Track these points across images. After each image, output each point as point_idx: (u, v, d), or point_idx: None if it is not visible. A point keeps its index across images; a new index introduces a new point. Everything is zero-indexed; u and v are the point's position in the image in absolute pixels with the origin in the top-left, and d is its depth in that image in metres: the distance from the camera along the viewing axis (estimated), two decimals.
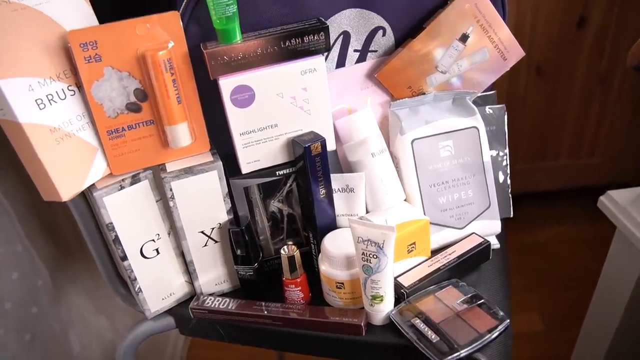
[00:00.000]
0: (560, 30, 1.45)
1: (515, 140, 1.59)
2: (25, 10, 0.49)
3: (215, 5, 0.50)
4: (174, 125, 0.54)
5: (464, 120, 0.63)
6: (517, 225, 1.66)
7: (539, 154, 1.65)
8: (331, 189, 0.59)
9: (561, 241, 1.61)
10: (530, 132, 1.60)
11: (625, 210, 0.76)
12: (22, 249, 0.82)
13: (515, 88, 1.52)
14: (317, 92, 0.55)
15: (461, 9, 0.60)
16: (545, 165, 1.66)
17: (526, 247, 1.60)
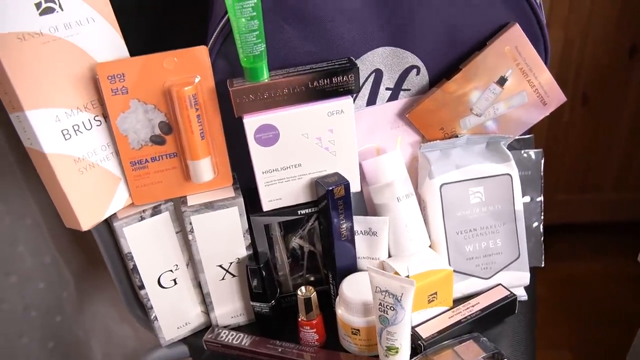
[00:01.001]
0: (610, 58, 1.39)
1: (556, 169, 1.54)
2: (57, 42, 0.49)
3: (242, 43, 0.49)
4: (196, 160, 0.54)
5: (497, 167, 0.61)
6: (554, 256, 1.61)
7: (581, 185, 1.58)
8: (353, 232, 0.57)
9: (601, 277, 1.54)
10: (572, 162, 1.54)
11: None
12: (50, 260, 0.83)
13: (558, 116, 1.47)
14: (344, 133, 0.54)
15: (500, 51, 0.57)
16: (588, 197, 1.60)
17: (562, 281, 1.54)
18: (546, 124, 1.46)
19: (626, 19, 1.34)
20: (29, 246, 0.80)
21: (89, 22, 0.52)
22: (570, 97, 1.45)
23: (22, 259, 0.79)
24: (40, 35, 0.48)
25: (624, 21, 1.35)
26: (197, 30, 0.66)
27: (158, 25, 0.70)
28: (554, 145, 1.50)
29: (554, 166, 1.53)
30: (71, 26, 0.50)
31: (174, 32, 0.71)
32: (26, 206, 0.79)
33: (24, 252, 0.79)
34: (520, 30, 0.57)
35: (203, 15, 0.71)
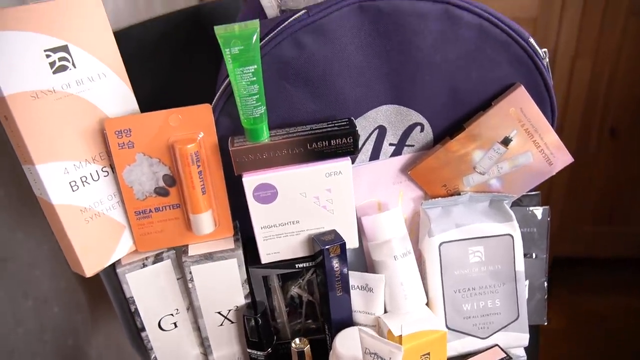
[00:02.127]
0: None
1: (581, 201, 1.51)
2: (68, 97, 0.51)
3: (243, 106, 0.50)
4: (197, 214, 0.55)
5: (499, 227, 0.60)
6: (578, 289, 1.58)
7: (607, 218, 1.55)
8: (349, 288, 0.58)
9: (624, 312, 1.51)
10: (598, 194, 1.51)
11: None
12: (65, 285, 0.86)
13: (585, 148, 1.44)
14: (342, 193, 0.55)
15: (505, 112, 0.57)
16: (613, 230, 1.56)
17: (584, 314, 1.51)
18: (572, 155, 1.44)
19: None
20: (46, 271, 0.83)
21: (100, 78, 0.54)
22: (598, 129, 1.43)
23: (40, 283, 0.82)
24: (53, 93, 0.50)
25: None
26: (209, 72, 0.68)
27: (169, 70, 0.72)
28: (580, 176, 1.47)
29: (578, 198, 1.50)
30: (83, 82, 0.52)
31: (186, 75, 0.73)
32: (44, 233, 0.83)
33: (41, 277, 0.82)
34: (526, 92, 0.56)
35: (214, 58, 0.73)
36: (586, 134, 1.42)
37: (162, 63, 0.72)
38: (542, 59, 0.56)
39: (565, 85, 1.37)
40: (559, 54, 1.34)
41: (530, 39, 0.56)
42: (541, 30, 1.32)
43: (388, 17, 0.51)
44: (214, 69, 0.71)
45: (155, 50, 0.71)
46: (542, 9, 1.30)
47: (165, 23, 0.72)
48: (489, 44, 0.54)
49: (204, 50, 0.78)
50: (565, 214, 1.52)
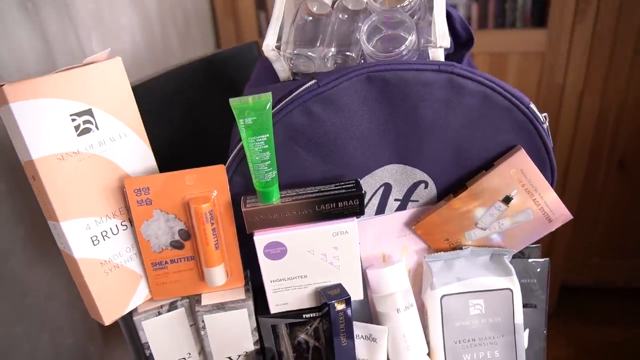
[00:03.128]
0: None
1: (589, 233, 1.52)
2: (92, 157, 0.55)
3: (255, 171, 0.53)
4: (210, 267, 0.58)
5: (499, 280, 0.63)
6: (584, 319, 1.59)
7: (616, 250, 1.56)
8: (353, 338, 0.60)
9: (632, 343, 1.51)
10: (606, 226, 1.52)
11: None
12: (80, 316, 0.90)
13: (592, 181, 1.46)
14: (348, 251, 0.57)
15: (506, 173, 0.59)
16: (622, 263, 1.57)
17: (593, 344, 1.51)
18: (579, 189, 1.45)
19: None
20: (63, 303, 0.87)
21: (121, 137, 0.57)
22: (606, 162, 1.44)
23: (56, 315, 0.86)
24: (77, 154, 0.54)
25: None
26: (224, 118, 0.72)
27: (186, 117, 0.76)
28: (587, 209, 1.49)
29: (586, 230, 1.52)
30: (105, 142, 0.56)
31: (203, 121, 0.77)
32: (63, 267, 0.86)
33: (57, 309, 0.86)
34: (526, 156, 0.59)
35: None
36: (594, 167, 1.44)
37: (179, 111, 0.75)
38: (542, 123, 0.59)
39: (573, 120, 1.39)
40: (567, 89, 1.36)
41: (531, 104, 0.58)
42: (549, 66, 1.34)
43: (394, 87, 0.54)
44: (228, 116, 0.74)
45: (173, 100, 0.74)
46: (550, 45, 1.32)
47: (183, 72, 0.76)
48: (492, 110, 0.57)
49: (220, 97, 0.82)
50: (573, 245, 1.53)
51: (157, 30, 1.18)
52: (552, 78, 1.36)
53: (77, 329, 0.89)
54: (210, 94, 0.79)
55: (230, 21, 1.43)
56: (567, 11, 1.28)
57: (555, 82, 1.36)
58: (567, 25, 1.29)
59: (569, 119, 1.39)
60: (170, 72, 0.73)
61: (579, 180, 1.44)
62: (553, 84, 1.36)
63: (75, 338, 0.88)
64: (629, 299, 1.62)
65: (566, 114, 1.38)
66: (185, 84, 0.75)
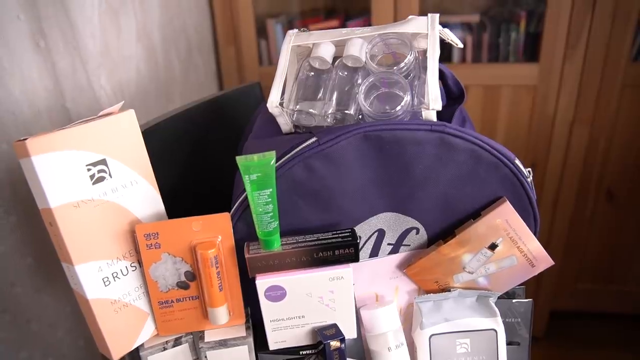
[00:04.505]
0: (636, 157, 1.42)
1: (578, 260, 1.56)
2: (105, 204, 0.59)
3: (258, 221, 0.57)
4: (214, 308, 0.62)
5: (484, 321, 0.67)
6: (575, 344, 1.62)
7: (605, 276, 1.60)
8: None
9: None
10: (595, 253, 1.56)
11: None
12: (83, 344, 0.93)
13: (582, 208, 1.50)
14: (343, 294, 0.61)
15: (492, 223, 0.63)
16: (611, 288, 1.61)
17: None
18: (569, 216, 1.50)
19: None
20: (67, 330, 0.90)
21: (132, 184, 0.61)
22: (595, 192, 1.48)
23: (61, 342, 0.89)
24: (92, 201, 0.58)
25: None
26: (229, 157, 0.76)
27: (192, 158, 0.80)
28: (577, 238, 1.53)
29: (576, 256, 1.56)
30: (117, 189, 0.60)
31: (208, 160, 0.81)
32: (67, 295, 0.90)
33: (63, 337, 0.89)
34: (511, 207, 0.63)
35: (233, 144, 0.80)
36: (584, 195, 1.48)
37: (185, 152, 0.79)
38: (526, 177, 0.63)
39: (564, 149, 1.43)
40: (557, 121, 1.40)
41: (516, 160, 0.62)
42: (540, 98, 1.39)
43: (389, 144, 0.58)
44: (231, 155, 0.78)
45: (180, 141, 0.78)
46: (541, 78, 1.37)
47: (188, 114, 0.80)
48: (480, 166, 0.61)
49: (224, 137, 0.86)
50: (563, 270, 1.57)
51: (161, 58, 1.22)
52: (543, 109, 1.40)
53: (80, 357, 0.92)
54: (215, 134, 0.83)
55: (232, 48, 1.47)
56: (559, 46, 1.32)
57: (546, 113, 1.40)
58: (558, 60, 1.34)
59: (559, 149, 1.43)
60: (176, 115, 0.77)
61: (569, 207, 1.48)
62: (544, 115, 1.41)
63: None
64: (617, 325, 1.66)
65: (556, 144, 1.43)
66: (191, 126, 0.79)
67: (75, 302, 0.89)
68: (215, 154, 0.82)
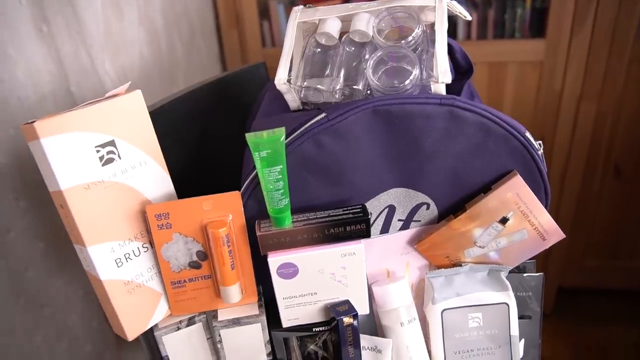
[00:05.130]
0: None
1: (586, 235, 1.56)
2: (115, 185, 0.59)
3: (269, 198, 0.57)
4: (226, 286, 0.62)
5: (496, 295, 0.67)
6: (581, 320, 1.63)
7: (612, 252, 1.60)
8: (360, 349, 0.64)
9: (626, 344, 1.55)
10: (602, 229, 1.56)
11: None
12: (97, 325, 0.94)
13: (590, 184, 1.49)
14: (355, 270, 0.61)
15: (503, 197, 0.63)
16: (618, 264, 1.61)
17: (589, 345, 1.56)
18: (577, 192, 1.49)
19: None
20: (80, 313, 0.91)
21: (142, 165, 0.61)
22: (602, 167, 1.48)
23: (74, 325, 0.90)
24: (102, 183, 0.58)
25: None
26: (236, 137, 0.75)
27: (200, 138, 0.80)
28: (585, 213, 1.52)
29: (583, 233, 1.56)
30: (127, 171, 0.60)
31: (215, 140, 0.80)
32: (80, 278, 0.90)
33: (75, 319, 0.90)
34: (522, 180, 0.63)
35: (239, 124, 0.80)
36: (591, 170, 1.48)
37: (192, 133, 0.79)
38: (537, 150, 0.62)
39: (571, 125, 1.42)
40: (564, 96, 1.39)
41: (527, 133, 0.62)
42: (547, 73, 1.38)
43: (398, 119, 0.58)
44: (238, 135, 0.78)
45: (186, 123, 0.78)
46: (548, 54, 1.36)
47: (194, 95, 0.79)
48: (490, 139, 0.61)
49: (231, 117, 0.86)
50: (571, 248, 1.57)
51: (164, 42, 1.21)
52: (550, 85, 1.39)
53: (94, 338, 0.93)
54: (221, 114, 0.82)
55: (234, 31, 1.46)
56: (565, 22, 1.31)
57: (553, 89, 1.39)
58: (565, 35, 1.32)
59: (567, 125, 1.42)
60: (182, 96, 0.76)
61: (576, 183, 1.48)
62: (551, 91, 1.40)
63: (92, 346, 0.92)
64: (624, 300, 1.66)
65: (564, 120, 1.42)
66: (197, 107, 0.79)
67: (87, 285, 0.89)
68: (222, 134, 0.81)
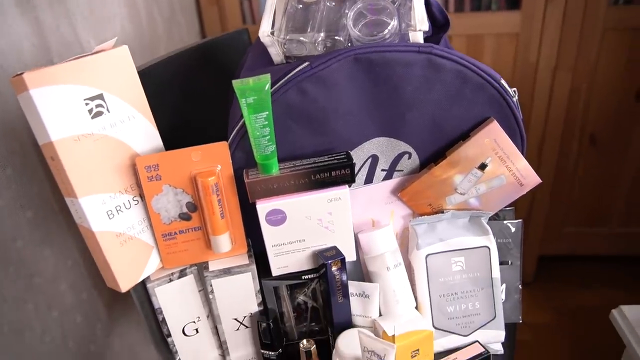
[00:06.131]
0: (617, 102, 1.45)
1: (565, 204, 1.60)
2: (104, 138, 0.60)
3: (256, 145, 0.59)
4: (217, 236, 0.64)
5: (477, 239, 0.69)
6: (563, 286, 1.68)
7: (590, 219, 1.64)
8: (348, 296, 0.67)
9: (609, 305, 1.60)
10: (580, 197, 1.60)
11: (634, 330, 0.79)
12: (86, 296, 0.95)
13: (567, 153, 1.53)
14: (341, 216, 0.63)
15: (481, 143, 0.66)
16: (596, 231, 1.66)
17: (570, 310, 1.60)
18: (554, 162, 1.53)
19: (632, 65, 1.40)
20: (69, 284, 0.92)
21: (130, 119, 0.62)
22: (578, 136, 1.52)
23: (63, 295, 0.90)
24: (91, 135, 0.59)
25: (629, 67, 1.41)
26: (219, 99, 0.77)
27: (185, 101, 0.81)
28: (562, 181, 1.57)
29: (562, 201, 1.60)
30: (116, 124, 0.61)
31: (204, 100, 0.82)
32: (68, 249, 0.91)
33: (64, 290, 0.91)
34: (498, 126, 0.65)
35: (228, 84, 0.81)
36: (568, 141, 1.52)
37: (175, 97, 0.80)
38: (512, 97, 0.65)
39: (547, 96, 1.46)
40: (540, 67, 1.43)
41: (502, 80, 0.64)
42: (523, 45, 1.41)
43: (379, 66, 0.60)
44: (222, 99, 0.79)
45: (169, 86, 0.79)
46: (524, 26, 1.39)
47: (178, 59, 0.81)
48: (467, 86, 0.63)
49: (213, 82, 0.87)
50: (549, 216, 1.61)
51: (144, 18, 1.22)
52: (526, 57, 1.42)
53: (84, 309, 0.94)
54: (205, 78, 0.84)
55: (215, 8, 1.47)
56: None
57: (529, 60, 1.43)
58: (539, 6, 1.36)
59: (543, 96, 1.46)
60: (166, 59, 0.77)
61: (554, 153, 1.51)
62: (527, 62, 1.43)
63: (83, 317, 0.93)
64: (602, 265, 1.71)
65: (540, 90, 1.45)
66: (180, 71, 0.80)
67: (76, 255, 0.90)
68: (207, 97, 0.83)
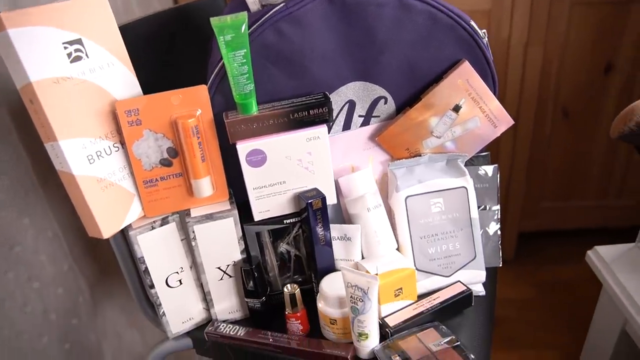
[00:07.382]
0: (587, 75, 1.49)
1: (540, 178, 1.64)
2: (84, 83, 0.60)
3: (235, 84, 0.60)
4: (198, 179, 0.64)
5: (455, 181, 0.71)
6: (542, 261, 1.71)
7: (566, 193, 1.68)
8: (330, 238, 0.68)
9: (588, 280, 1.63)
10: (556, 171, 1.64)
11: (609, 267, 0.81)
12: (67, 268, 0.94)
13: (541, 128, 1.57)
14: (320, 155, 0.65)
15: (454, 83, 0.68)
16: (572, 204, 1.69)
17: (551, 283, 1.63)
18: (530, 137, 1.56)
19: (600, 39, 1.44)
20: (50, 255, 0.91)
21: (109, 66, 0.63)
22: (552, 111, 1.55)
23: (44, 267, 0.90)
24: (70, 79, 0.59)
25: (598, 41, 1.45)
26: (195, 63, 0.77)
27: (160, 63, 0.81)
28: (537, 156, 1.60)
29: (538, 176, 1.63)
30: (95, 70, 0.62)
31: (181, 64, 0.82)
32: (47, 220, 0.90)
33: (45, 261, 0.90)
34: (470, 66, 0.67)
35: (204, 49, 0.82)
36: (542, 116, 1.55)
37: (150, 57, 0.80)
38: (481, 38, 0.67)
39: (520, 72, 1.49)
40: (512, 43, 1.46)
41: (472, 21, 0.66)
42: (495, 22, 1.44)
43: (351, 7, 0.62)
44: (198, 62, 0.80)
45: (144, 47, 0.79)
46: (494, 2, 1.42)
47: (154, 20, 0.81)
48: (438, 27, 0.65)
49: (189, 45, 0.88)
50: (527, 192, 1.64)
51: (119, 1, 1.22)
52: (498, 33, 1.46)
53: (66, 281, 0.93)
54: (180, 42, 0.84)
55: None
56: None
57: (501, 37, 1.46)
58: None
59: (516, 72, 1.49)
60: (142, 20, 0.78)
61: (528, 128, 1.55)
62: (499, 39, 1.46)
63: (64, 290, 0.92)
64: (579, 239, 1.74)
65: (513, 66, 1.49)
66: (156, 32, 0.81)
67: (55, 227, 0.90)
68: (184, 59, 0.84)
